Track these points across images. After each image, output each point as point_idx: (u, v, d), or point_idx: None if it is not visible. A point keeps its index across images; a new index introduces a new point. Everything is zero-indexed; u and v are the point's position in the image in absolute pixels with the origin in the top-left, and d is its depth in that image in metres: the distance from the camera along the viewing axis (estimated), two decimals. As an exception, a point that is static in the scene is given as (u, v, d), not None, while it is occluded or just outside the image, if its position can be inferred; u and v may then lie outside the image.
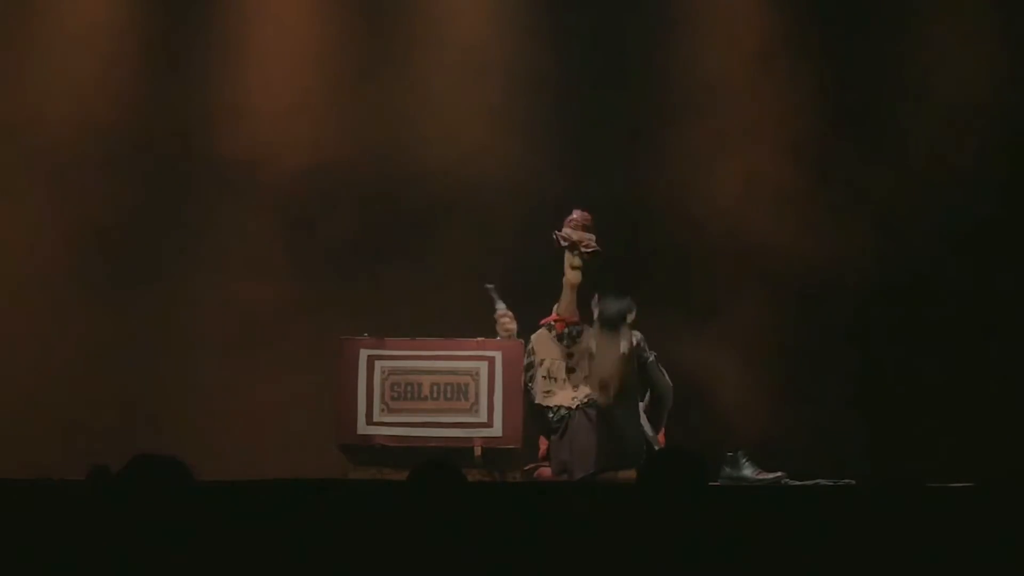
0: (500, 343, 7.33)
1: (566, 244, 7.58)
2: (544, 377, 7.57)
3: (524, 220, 8.45)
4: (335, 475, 7.09)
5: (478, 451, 7.15)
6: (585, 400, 7.45)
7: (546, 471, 7.51)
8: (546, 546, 5.29)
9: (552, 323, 7.59)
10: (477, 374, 7.23)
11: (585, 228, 7.60)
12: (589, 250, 7.56)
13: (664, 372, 7.46)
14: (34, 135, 8.71)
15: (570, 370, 7.55)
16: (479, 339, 7.34)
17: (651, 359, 7.43)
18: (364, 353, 7.28)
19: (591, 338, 7.44)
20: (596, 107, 8.84)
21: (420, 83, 8.89)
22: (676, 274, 8.05)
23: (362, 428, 7.23)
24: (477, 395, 7.21)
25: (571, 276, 7.57)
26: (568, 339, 7.58)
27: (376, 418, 7.22)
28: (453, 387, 7.23)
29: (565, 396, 7.51)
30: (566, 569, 4.65)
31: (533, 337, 7.57)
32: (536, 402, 7.47)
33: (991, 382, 8.55)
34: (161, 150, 8.85)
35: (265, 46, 8.96)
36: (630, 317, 7.41)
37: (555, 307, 7.63)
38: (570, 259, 7.58)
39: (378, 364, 7.26)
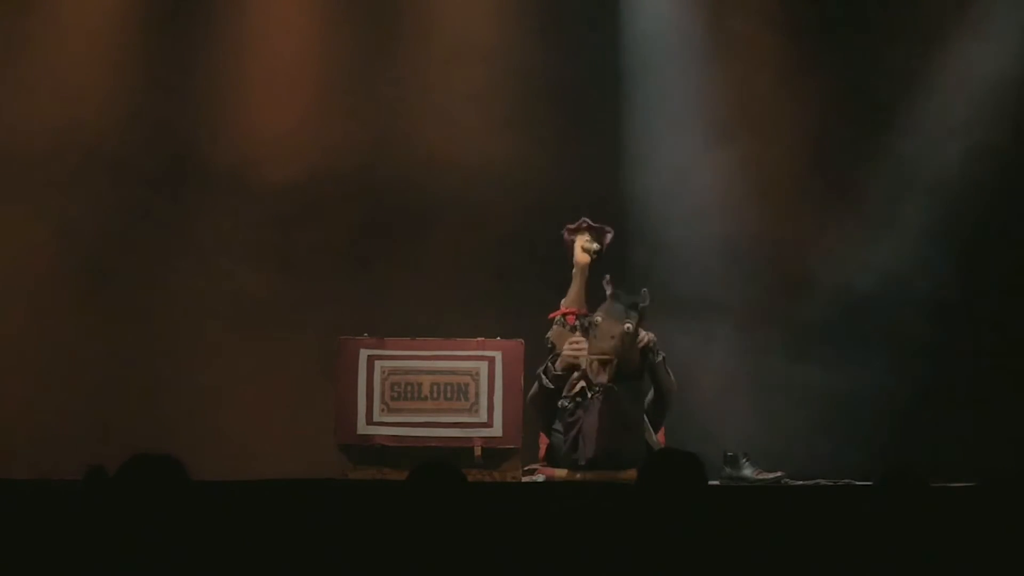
0: (500, 343, 7.32)
1: (573, 227, 7.55)
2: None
3: (524, 218, 8.45)
4: (335, 475, 7.09)
5: (478, 451, 7.14)
6: (597, 388, 7.42)
7: (547, 471, 7.50)
8: (546, 546, 5.29)
9: (563, 316, 7.56)
10: (477, 374, 7.23)
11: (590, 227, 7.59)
12: (598, 226, 7.53)
13: (671, 374, 7.43)
14: (30, 139, 8.71)
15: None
16: (479, 339, 7.33)
17: (659, 359, 7.40)
18: (364, 353, 7.27)
19: (599, 312, 7.35)
20: (595, 104, 8.83)
21: (420, 81, 8.89)
22: (674, 271, 8.05)
23: (362, 428, 7.22)
24: (477, 395, 7.21)
25: (581, 257, 7.51)
26: (582, 329, 7.54)
27: (376, 418, 7.22)
28: (453, 387, 7.23)
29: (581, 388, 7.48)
30: (566, 569, 4.65)
31: (550, 334, 7.53)
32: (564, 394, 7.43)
33: (990, 381, 8.55)
34: (158, 151, 8.84)
35: (261, 48, 8.94)
36: (642, 305, 7.33)
37: (562, 301, 7.60)
38: (580, 240, 7.54)
39: (378, 364, 7.25)
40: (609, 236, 7.57)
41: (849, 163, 8.78)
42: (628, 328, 7.22)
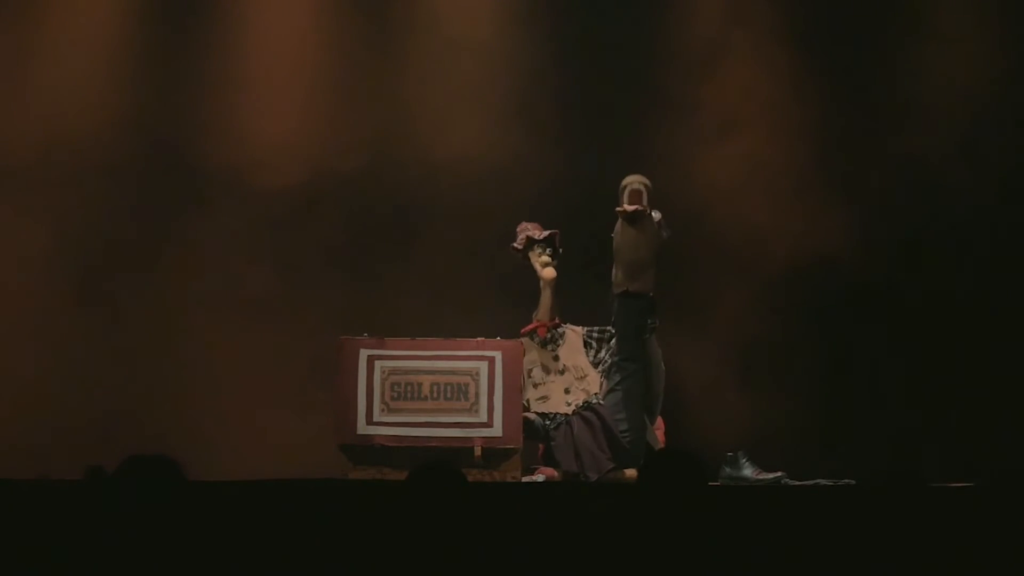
0: (500, 343, 7.33)
1: (522, 247, 7.64)
2: (536, 385, 7.58)
3: (523, 218, 8.44)
4: (335, 475, 7.09)
5: (478, 451, 7.15)
6: (581, 403, 7.48)
7: (547, 471, 7.52)
8: (546, 546, 5.29)
9: (534, 330, 7.61)
10: (477, 374, 7.23)
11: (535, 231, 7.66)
12: (544, 235, 7.59)
13: (658, 348, 7.50)
14: (29, 143, 8.72)
15: (560, 371, 7.57)
16: (479, 339, 7.34)
17: (655, 324, 7.44)
18: (364, 353, 7.28)
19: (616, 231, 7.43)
20: (595, 102, 8.84)
21: (418, 83, 8.89)
22: (673, 269, 8.03)
23: (362, 428, 7.23)
24: (477, 395, 7.22)
25: (546, 273, 7.59)
26: (552, 343, 7.60)
27: (376, 418, 7.23)
28: (453, 387, 7.23)
29: (559, 402, 7.53)
30: (566, 569, 4.65)
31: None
32: (532, 410, 7.50)
33: (990, 379, 8.54)
34: (157, 153, 8.84)
35: (259, 51, 8.95)
36: (655, 215, 7.41)
37: (534, 314, 7.66)
38: (536, 257, 7.63)
39: (378, 364, 7.26)
40: (558, 235, 7.64)
41: (849, 161, 8.79)
42: (656, 214, 7.36)
